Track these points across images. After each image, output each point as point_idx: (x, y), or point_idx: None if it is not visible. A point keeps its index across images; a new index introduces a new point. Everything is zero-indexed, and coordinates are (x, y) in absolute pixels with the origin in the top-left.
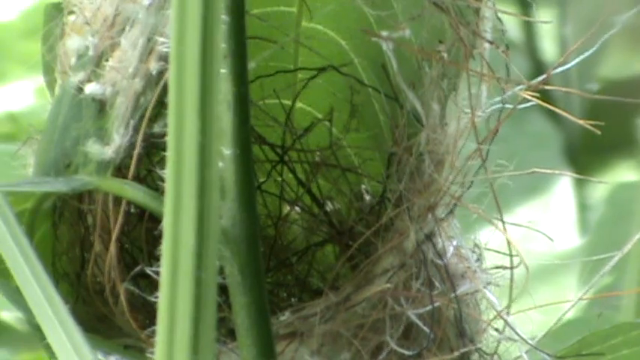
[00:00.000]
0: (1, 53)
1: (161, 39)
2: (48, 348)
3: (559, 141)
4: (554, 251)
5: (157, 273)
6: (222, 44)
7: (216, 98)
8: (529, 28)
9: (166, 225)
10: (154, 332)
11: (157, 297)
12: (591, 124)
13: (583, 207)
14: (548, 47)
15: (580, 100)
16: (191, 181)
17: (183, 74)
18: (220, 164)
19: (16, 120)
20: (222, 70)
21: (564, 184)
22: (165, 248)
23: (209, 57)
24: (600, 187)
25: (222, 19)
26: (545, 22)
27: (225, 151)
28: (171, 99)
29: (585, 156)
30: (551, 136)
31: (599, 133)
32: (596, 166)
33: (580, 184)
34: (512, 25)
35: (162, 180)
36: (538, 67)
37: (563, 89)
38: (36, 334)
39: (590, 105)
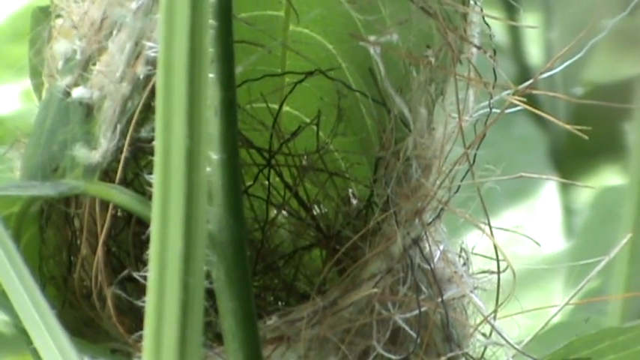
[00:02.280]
0: None
1: (148, 43)
2: (34, 352)
3: (545, 145)
4: (540, 255)
5: (144, 277)
6: (209, 48)
7: (203, 102)
8: (515, 33)
9: (154, 229)
10: (141, 336)
11: (144, 301)
12: (577, 129)
13: (569, 211)
14: (534, 51)
15: (566, 104)
16: (178, 185)
17: (171, 78)
18: (207, 169)
19: (2, 123)
20: (210, 75)
21: (550, 188)
22: (152, 252)
23: (197, 61)
24: (586, 191)
25: (210, 23)
26: (532, 26)
27: (213, 155)
28: (158, 103)
29: (571, 160)
30: (537, 140)
31: (585, 137)
32: (581, 170)
33: (566, 188)
34: (498, 30)
35: (150, 184)
36: (524, 71)
37: (550, 94)
38: (22, 339)
39: (575, 109)
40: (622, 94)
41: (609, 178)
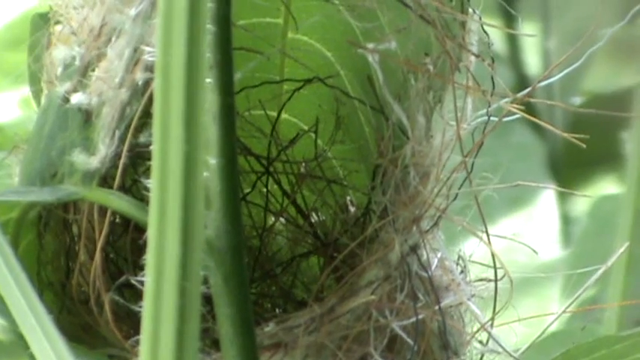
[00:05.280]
0: None
1: (147, 49)
2: (32, 358)
3: (543, 153)
4: (537, 263)
5: (142, 283)
6: (207, 55)
7: (201, 108)
8: (514, 41)
9: (151, 234)
10: (138, 342)
11: (141, 307)
12: (575, 137)
13: (566, 219)
14: (532, 60)
15: (563, 113)
16: (176, 191)
17: (169, 84)
18: (205, 174)
19: (1, 131)
20: (208, 81)
21: (548, 196)
22: (149, 258)
23: (195, 67)
24: (583, 200)
25: (208, 29)
26: (530, 35)
27: (211, 161)
28: (156, 108)
29: (569, 168)
30: (535, 148)
31: (583, 146)
32: (579, 179)
33: (563, 197)
34: (496, 38)
35: (148, 190)
36: (522, 79)
37: (548, 102)
38: (20, 344)
39: (573, 118)
40: (620, 103)
41: (607, 186)
